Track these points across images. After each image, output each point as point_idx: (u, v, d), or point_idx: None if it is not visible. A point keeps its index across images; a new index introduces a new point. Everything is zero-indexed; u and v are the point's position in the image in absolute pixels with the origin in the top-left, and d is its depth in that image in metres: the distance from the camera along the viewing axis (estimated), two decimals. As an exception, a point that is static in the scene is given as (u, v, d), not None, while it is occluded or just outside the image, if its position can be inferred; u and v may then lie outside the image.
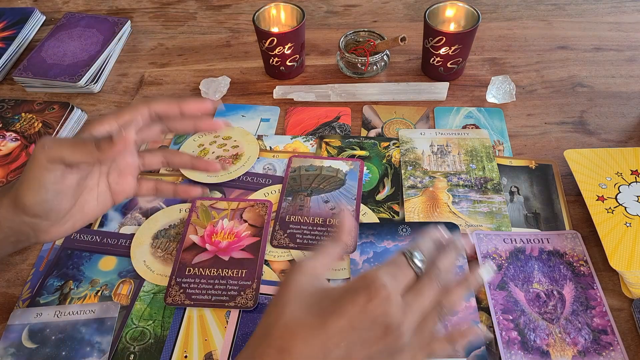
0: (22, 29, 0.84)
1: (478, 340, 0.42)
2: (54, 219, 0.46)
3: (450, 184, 0.62)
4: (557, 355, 0.48)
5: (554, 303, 0.51)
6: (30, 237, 0.46)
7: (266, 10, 0.73)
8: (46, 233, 0.46)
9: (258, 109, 0.73)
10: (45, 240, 0.48)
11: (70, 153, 0.42)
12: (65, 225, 0.47)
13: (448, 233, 0.42)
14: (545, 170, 0.63)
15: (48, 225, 0.46)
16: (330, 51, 0.82)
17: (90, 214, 0.49)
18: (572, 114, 0.70)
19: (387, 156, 0.66)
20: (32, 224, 0.45)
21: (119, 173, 0.49)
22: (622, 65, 0.77)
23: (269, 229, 0.58)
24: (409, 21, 0.87)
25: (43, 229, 0.46)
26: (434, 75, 0.75)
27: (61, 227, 0.47)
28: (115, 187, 0.49)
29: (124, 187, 0.49)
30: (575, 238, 0.56)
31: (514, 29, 0.84)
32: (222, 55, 0.82)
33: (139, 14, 0.91)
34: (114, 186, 0.49)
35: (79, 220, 0.48)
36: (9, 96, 0.77)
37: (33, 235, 0.46)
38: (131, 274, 0.55)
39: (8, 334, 0.51)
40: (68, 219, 0.47)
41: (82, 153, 0.42)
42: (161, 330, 0.51)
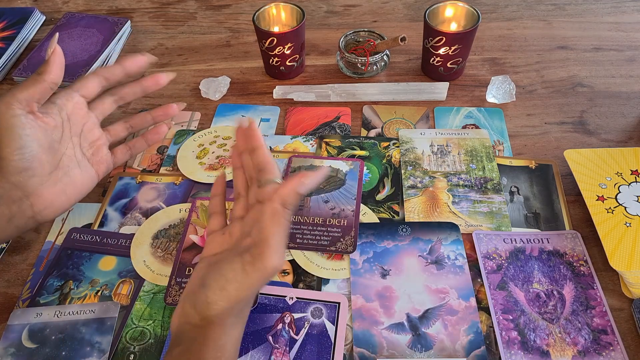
0: (22, 29, 0.84)
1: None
2: (39, 173, 0.47)
3: (450, 184, 0.62)
4: (557, 355, 0.48)
5: (554, 303, 0.51)
6: (23, 205, 0.47)
7: (266, 10, 0.73)
8: (38, 197, 0.48)
9: (258, 109, 0.73)
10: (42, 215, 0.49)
11: (19, 90, 0.46)
12: (55, 186, 0.49)
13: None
14: (545, 170, 0.63)
15: (37, 184, 0.47)
16: (330, 51, 0.82)
17: (78, 181, 0.51)
18: (572, 114, 0.70)
19: (387, 156, 0.66)
20: (19, 183, 0.47)
21: (90, 144, 0.53)
22: (622, 65, 0.77)
23: (269, 229, 0.58)
24: (409, 21, 0.87)
25: (33, 190, 0.47)
26: (434, 75, 0.75)
27: (52, 188, 0.48)
28: (92, 159, 0.53)
29: (101, 157, 0.54)
30: (575, 238, 0.56)
31: (514, 29, 0.84)
32: (222, 55, 0.82)
33: (139, 14, 0.91)
34: (91, 157, 0.53)
35: (69, 186, 0.50)
36: (7, 92, 0.77)
37: (26, 201, 0.47)
38: (131, 274, 0.55)
39: (8, 334, 0.51)
40: (57, 180, 0.49)
41: (28, 84, 0.46)
42: (161, 330, 0.51)
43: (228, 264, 0.38)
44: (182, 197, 0.62)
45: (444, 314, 0.51)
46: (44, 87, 0.47)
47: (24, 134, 0.46)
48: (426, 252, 0.56)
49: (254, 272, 0.37)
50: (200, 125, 0.71)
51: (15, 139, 0.45)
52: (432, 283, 0.53)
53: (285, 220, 0.39)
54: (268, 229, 0.38)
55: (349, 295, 0.53)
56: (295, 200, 0.39)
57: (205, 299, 0.38)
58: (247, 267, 0.37)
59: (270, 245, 0.37)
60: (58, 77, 0.48)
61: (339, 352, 0.48)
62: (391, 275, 0.54)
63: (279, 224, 0.38)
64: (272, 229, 0.38)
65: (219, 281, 0.38)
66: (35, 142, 0.47)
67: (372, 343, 0.49)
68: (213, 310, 0.38)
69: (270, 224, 0.38)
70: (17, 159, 0.46)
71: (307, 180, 0.39)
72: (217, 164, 0.65)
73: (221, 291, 0.38)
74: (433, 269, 0.54)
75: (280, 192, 0.39)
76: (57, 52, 0.47)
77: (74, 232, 0.59)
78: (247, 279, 0.37)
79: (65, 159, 0.51)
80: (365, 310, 0.51)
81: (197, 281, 0.40)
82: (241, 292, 0.38)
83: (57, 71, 0.47)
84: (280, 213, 0.38)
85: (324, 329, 0.50)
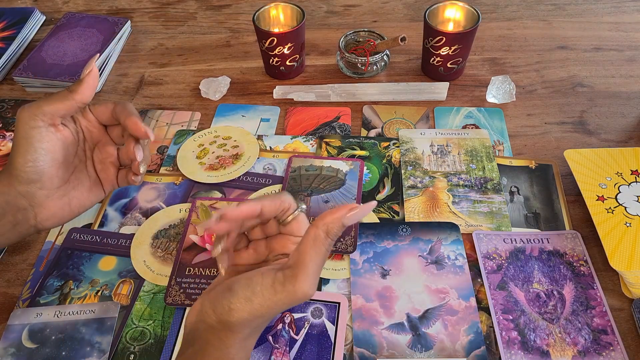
0: (22, 29, 0.84)
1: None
2: (48, 186, 0.47)
3: (450, 184, 0.62)
4: (557, 355, 0.48)
5: (554, 303, 0.51)
6: (28, 214, 0.47)
7: (266, 10, 0.73)
8: (43, 208, 0.48)
9: (258, 109, 0.73)
10: (43, 224, 0.48)
11: (46, 103, 0.45)
12: (61, 199, 0.49)
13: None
14: (545, 170, 0.63)
15: (43, 196, 0.47)
16: (330, 51, 0.82)
17: (84, 195, 0.51)
18: (572, 114, 0.70)
19: (387, 156, 0.66)
20: (26, 193, 0.46)
21: (101, 160, 0.52)
22: (622, 65, 0.77)
23: (269, 229, 0.58)
24: (409, 21, 0.87)
25: (39, 201, 0.47)
26: (434, 75, 0.75)
27: (57, 200, 0.48)
28: (101, 175, 0.52)
29: (109, 175, 0.52)
30: (575, 238, 0.56)
31: (514, 29, 0.84)
32: (222, 55, 0.82)
33: (139, 14, 0.91)
34: (101, 174, 0.52)
35: (75, 199, 0.50)
36: (9, 96, 0.77)
37: (31, 211, 0.47)
38: (131, 274, 0.55)
39: (8, 334, 0.51)
40: (63, 194, 0.49)
41: (57, 99, 0.45)
42: (161, 330, 0.51)
43: (260, 276, 0.38)
44: (182, 197, 0.62)
45: (444, 314, 0.51)
46: (71, 105, 0.46)
47: (40, 147, 0.45)
48: (426, 252, 0.56)
49: (281, 293, 0.37)
50: (200, 125, 0.71)
51: (30, 150, 0.45)
52: (432, 283, 0.53)
53: (325, 249, 0.38)
54: (307, 254, 0.37)
55: (349, 295, 0.53)
56: (339, 231, 0.38)
57: (228, 304, 0.37)
58: (277, 285, 0.37)
59: (305, 270, 0.37)
60: (88, 98, 0.47)
61: (339, 352, 0.48)
62: (391, 275, 0.54)
63: (318, 252, 0.37)
64: (310, 254, 0.37)
65: (246, 291, 0.37)
66: (50, 155, 0.46)
67: (372, 343, 0.49)
68: (233, 317, 0.37)
69: (310, 249, 0.37)
70: (28, 170, 0.46)
71: (355, 213, 0.38)
72: (217, 164, 0.65)
73: (246, 302, 0.37)
74: (433, 269, 0.54)
75: (326, 220, 0.38)
76: (93, 74, 0.46)
77: (74, 232, 0.59)
78: (273, 297, 0.37)
79: (77, 172, 0.50)
80: (365, 310, 0.51)
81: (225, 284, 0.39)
82: (264, 308, 0.37)
83: (88, 92, 0.46)
84: (321, 241, 0.37)
85: (324, 329, 0.50)
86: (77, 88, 0.46)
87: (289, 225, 0.43)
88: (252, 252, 0.44)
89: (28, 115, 0.45)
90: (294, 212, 0.43)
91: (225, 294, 0.38)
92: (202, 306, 0.39)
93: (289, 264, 0.37)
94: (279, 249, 0.43)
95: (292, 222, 0.43)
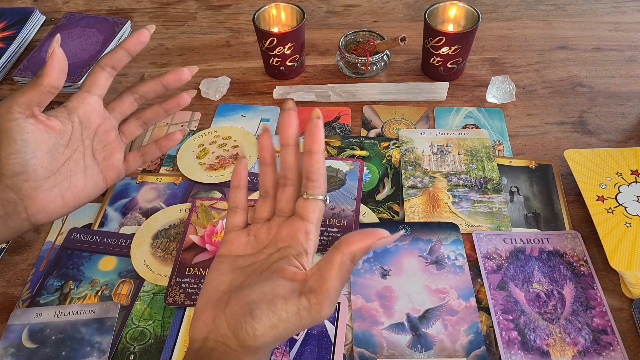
0: (22, 29, 0.84)
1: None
2: (34, 178, 0.47)
3: (450, 184, 0.62)
4: (557, 355, 0.48)
5: (554, 303, 0.51)
6: (18, 207, 0.47)
7: (266, 10, 0.73)
8: (32, 201, 0.47)
9: (258, 109, 0.73)
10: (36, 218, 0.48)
11: (19, 94, 0.45)
12: (51, 191, 0.48)
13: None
14: (545, 170, 0.63)
15: (31, 188, 0.47)
16: (330, 51, 0.82)
17: (79, 187, 0.50)
18: (572, 114, 0.70)
19: (387, 156, 0.66)
20: (13, 186, 0.46)
21: (104, 147, 0.52)
22: (622, 65, 0.77)
23: (269, 229, 0.58)
24: (409, 21, 0.87)
25: (27, 193, 0.47)
26: (434, 75, 0.75)
27: (47, 192, 0.48)
28: (103, 164, 0.52)
29: (112, 162, 0.52)
30: (575, 238, 0.56)
31: (514, 29, 0.84)
32: (222, 55, 0.82)
33: (139, 14, 0.91)
34: (102, 162, 0.52)
35: (68, 192, 0.49)
36: (8, 96, 0.77)
37: (20, 204, 0.47)
38: (131, 274, 0.55)
39: (8, 334, 0.51)
40: (53, 185, 0.48)
41: (27, 88, 0.46)
42: (161, 330, 0.51)
43: (283, 302, 0.36)
44: (182, 197, 0.62)
45: (444, 314, 0.51)
46: (41, 91, 0.46)
47: (20, 139, 0.45)
48: (426, 252, 0.56)
49: (307, 319, 0.36)
50: (200, 125, 0.71)
51: (11, 142, 0.45)
52: (432, 283, 0.53)
53: (348, 275, 0.37)
54: (331, 279, 0.36)
55: (349, 295, 0.53)
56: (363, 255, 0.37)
57: (253, 331, 0.36)
58: (302, 312, 0.36)
59: (330, 297, 0.36)
60: (56, 80, 0.46)
61: (339, 352, 0.48)
62: (391, 275, 0.54)
63: (342, 278, 0.36)
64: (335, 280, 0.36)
65: (271, 318, 0.36)
66: (32, 146, 0.46)
67: (372, 343, 0.49)
68: (258, 342, 0.36)
69: (335, 276, 0.36)
70: (11, 163, 0.45)
71: (383, 241, 0.36)
72: (217, 164, 0.65)
73: (272, 329, 0.36)
74: (433, 269, 0.54)
75: (353, 248, 0.36)
76: (55, 54, 0.46)
77: (74, 232, 0.59)
78: (299, 323, 0.36)
79: (70, 163, 0.50)
80: (365, 310, 0.51)
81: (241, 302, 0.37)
82: (290, 332, 0.37)
83: (54, 74, 0.46)
84: (347, 267, 0.36)
85: (324, 329, 0.50)
86: (42, 72, 0.46)
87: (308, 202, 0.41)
88: (253, 240, 0.43)
89: (4, 110, 0.45)
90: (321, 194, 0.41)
91: (246, 319, 0.36)
92: (217, 325, 0.37)
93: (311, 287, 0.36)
94: (287, 237, 0.41)
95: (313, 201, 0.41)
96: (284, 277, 0.38)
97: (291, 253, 0.40)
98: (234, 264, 0.42)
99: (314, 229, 0.42)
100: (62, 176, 0.49)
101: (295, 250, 0.40)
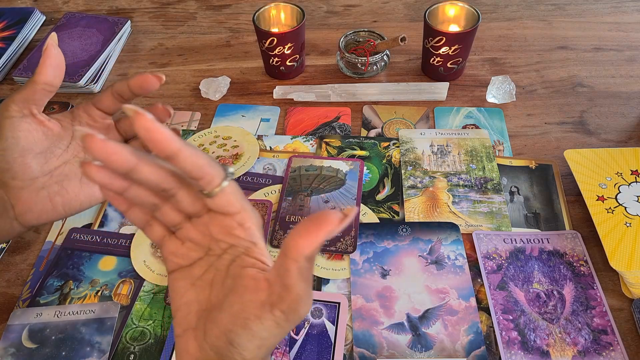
0: (22, 29, 0.84)
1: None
2: (21, 177, 0.46)
3: (450, 184, 0.62)
4: (557, 355, 0.48)
5: (554, 303, 0.51)
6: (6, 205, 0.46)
7: (266, 10, 0.73)
8: (19, 200, 0.46)
9: (258, 109, 0.73)
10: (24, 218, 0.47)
11: (16, 93, 0.46)
12: (38, 193, 0.47)
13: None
14: (545, 170, 0.63)
15: (17, 187, 0.46)
16: (330, 51, 0.82)
17: (71, 193, 0.49)
18: (572, 114, 0.70)
19: (387, 156, 0.66)
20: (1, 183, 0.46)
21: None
22: (622, 65, 0.77)
23: (268, 229, 0.58)
24: (409, 21, 0.87)
25: (14, 192, 0.46)
26: (434, 75, 0.75)
27: (34, 193, 0.47)
28: None
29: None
30: (575, 238, 0.56)
31: (514, 29, 0.84)
32: (222, 55, 0.82)
33: (139, 14, 0.91)
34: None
35: (58, 196, 0.48)
36: (9, 95, 0.77)
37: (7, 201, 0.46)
38: (131, 274, 0.55)
39: (8, 334, 0.51)
40: (41, 187, 0.47)
41: (24, 86, 0.46)
42: (161, 330, 0.51)
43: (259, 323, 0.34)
44: (182, 197, 0.62)
45: (444, 314, 0.51)
46: (36, 88, 0.46)
47: (11, 136, 0.45)
48: (426, 252, 0.56)
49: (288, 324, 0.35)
50: (200, 125, 0.71)
51: (1, 139, 0.45)
52: (432, 283, 0.53)
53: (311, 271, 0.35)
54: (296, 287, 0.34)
55: (349, 295, 0.53)
56: (318, 251, 0.35)
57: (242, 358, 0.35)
58: (280, 322, 0.35)
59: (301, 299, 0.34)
60: (51, 78, 0.46)
61: (339, 352, 0.48)
62: (391, 275, 0.54)
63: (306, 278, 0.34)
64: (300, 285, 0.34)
65: (253, 341, 0.35)
66: (21, 144, 0.46)
67: (372, 343, 0.49)
68: None
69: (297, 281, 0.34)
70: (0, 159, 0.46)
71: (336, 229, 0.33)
72: (217, 164, 0.65)
73: (259, 348, 0.35)
74: (433, 269, 0.54)
75: (304, 251, 0.33)
76: (47, 52, 0.45)
77: (74, 232, 0.59)
78: (282, 331, 0.35)
79: (65, 167, 0.49)
80: (365, 310, 0.51)
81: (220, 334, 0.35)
82: (277, 340, 0.36)
83: (47, 71, 0.45)
84: (306, 267, 0.34)
85: (324, 329, 0.50)
86: (37, 70, 0.46)
87: (217, 199, 0.35)
88: (191, 245, 0.38)
89: (2, 107, 0.46)
90: (222, 182, 0.35)
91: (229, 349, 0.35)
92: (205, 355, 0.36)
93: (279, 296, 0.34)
94: (223, 236, 0.37)
95: (221, 194, 0.35)
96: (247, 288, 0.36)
97: (240, 252, 0.37)
98: (190, 275, 0.38)
99: (247, 215, 0.37)
100: (53, 179, 0.48)
101: (242, 247, 0.37)
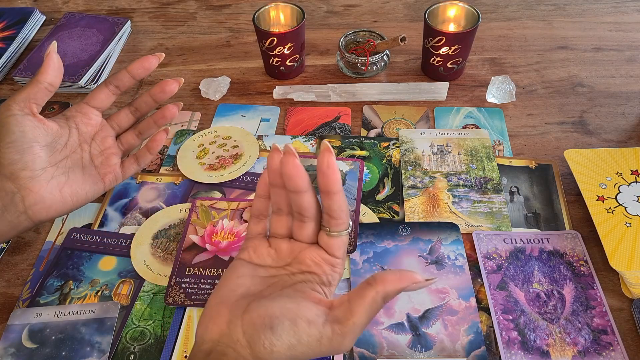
0: (22, 29, 0.84)
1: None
2: (31, 167, 0.48)
3: (450, 184, 0.62)
4: (557, 355, 0.48)
5: (554, 303, 0.51)
6: (15, 198, 0.48)
7: (266, 10, 0.73)
8: (29, 191, 0.48)
9: (258, 109, 0.73)
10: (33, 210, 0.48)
11: (18, 92, 0.48)
12: (49, 182, 0.49)
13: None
14: (545, 170, 0.63)
15: (28, 177, 0.48)
16: (330, 51, 0.82)
17: (77, 183, 0.52)
18: (572, 114, 0.70)
19: (387, 156, 0.66)
20: (10, 175, 0.47)
21: (100, 152, 0.54)
22: (622, 65, 0.77)
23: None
24: (409, 21, 0.87)
25: (24, 183, 0.48)
26: (434, 75, 0.75)
27: (45, 183, 0.49)
28: (100, 167, 0.54)
29: (109, 166, 0.55)
30: (575, 238, 0.56)
31: (514, 29, 0.84)
32: (222, 55, 0.82)
33: (139, 14, 0.91)
34: (99, 165, 0.54)
35: (66, 186, 0.51)
36: (9, 96, 0.77)
37: (17, 194, 0.48)
38: (131, 274, 0.55)
39: (8, 334, 0.51)
40: (50, 177, 0.49)
41: (26, 85, 0.49)
42: (161, 330, 0.51)
43: (306, 325, 0.35)
44: (182, 197, 0.62)
45: (444, 314, 0.51)
46: (39, 87, 0.49)
47: (18, 130, 0.47)
48: (426, 252, 0.56)
49: (327, 347, 0.36)
50: (200, 125, 0.71)
51: (9, 134, 0.47)
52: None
53: (377, 312, 0.36)
54: (360, 316, 0.35)
55: (349, 295, 0.53)
56: (395, 296, 0.37)
57: (270, 346, 0.35)
58: (324, 340, 0.35)
59: (355, 331, 0.35)
60: (53, 78, 0.49)
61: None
62: (391, 275, 0.54)
63: (371, 315, 0.36)
64: (363, 316, 0.35)
65: (291, 338, 0.35)
66: (29, 137, 0.48)
67: (372, 343, 0.49)
68: (272, 357, 0.35)
69: (364, 312, 0.35)
70: (9, 151, 0.47)
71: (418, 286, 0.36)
72: (217, 164, 0.65)
73: (289, 349, 0.35)
74: (433, 269, 0.54)
75: (388, 288, 0.35)
76: (50, 55, 0.49)
77: (74, 232, 0.59)
78: (317, 350, 0.36)
79: (68, 160, 0.52)
80: (365, 310, 0.51)
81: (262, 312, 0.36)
82: (305, 356, 0.36)
83: (50, 72, 0.49)
84: (378, 305, 0.36)
85: (324, 329, 0.50)
86: (40, 70, 0.49)
87: (333, 239, 0.40)
88: (274, 253, 0.42)
89: (4, 107, 0.48)
90: (345, 230, 0.40)
91: (265, 332, 0.35)
92: (231, 330, 0.36)
93: (337, 317, 0.36)
94: (308, 263, 0.41)
95: (338, 238, 0.40)
96: (308, 297, 0.37)
97: (316, 280, 0.40)
98: (255, 271, 0.41)
99: (341, 264, 0.41)
100: (60, 170, 0.51)
101: (320, 280, 0.40)
